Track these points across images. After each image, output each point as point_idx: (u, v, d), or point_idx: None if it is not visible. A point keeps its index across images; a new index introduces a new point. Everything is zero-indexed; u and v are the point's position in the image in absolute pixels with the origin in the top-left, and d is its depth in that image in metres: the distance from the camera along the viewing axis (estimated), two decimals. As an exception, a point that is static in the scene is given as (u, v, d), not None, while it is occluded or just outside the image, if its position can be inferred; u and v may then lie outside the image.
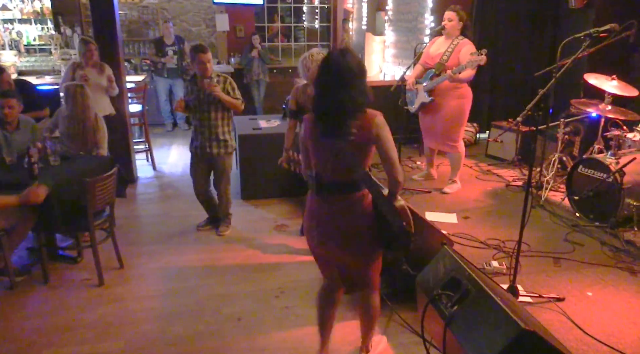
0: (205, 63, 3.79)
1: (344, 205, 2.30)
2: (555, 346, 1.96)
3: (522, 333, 1.87)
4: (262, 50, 7.83)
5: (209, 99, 3.86)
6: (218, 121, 3.96)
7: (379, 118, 2.20)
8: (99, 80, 4.83)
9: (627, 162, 3.99)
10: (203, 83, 3.81)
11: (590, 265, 3.57)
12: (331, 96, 2.14)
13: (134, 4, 8.19)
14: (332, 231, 2.33)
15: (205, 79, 3.81)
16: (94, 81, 4.72)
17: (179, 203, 4.76)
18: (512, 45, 6.59)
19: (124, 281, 3.48)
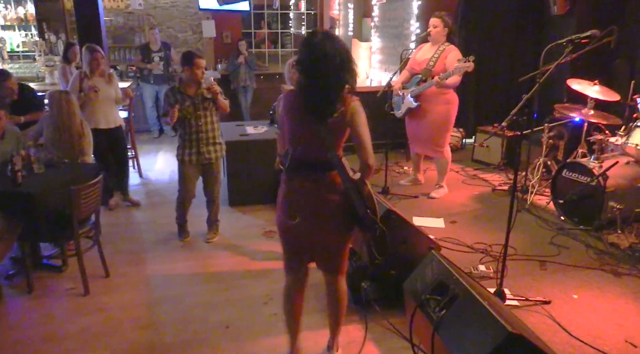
0: (203, 68, 3.81)
1: (314, 183, 2.33)
2: (542, 349, 1.98)
3: (509, 337, 1.89)
4: (248, 57, 7.83)
5: (203, 104, 3.87)
6: (214, 125, 3.99)
7: (356, 103, 2.27)
8: (108, 91, 4.64)
9: (610, 166, 4.06)
10: (194, 89, 3.83)
11: (575, 267, 3.61)
12: (322, 78, 2.18)
13: (120, 10, 8.15)
14: (304, 208, 2.36)
15: (205, 81, 3.86)
16: (102, 92, 4.53)
17: (165, 210, 4.72)
18: (497, 51, 6.68)
19: (110, 290, 3.44)
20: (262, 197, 4.93)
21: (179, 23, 8.59)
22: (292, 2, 9.65)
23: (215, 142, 4.01)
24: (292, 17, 9.86)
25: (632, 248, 3.78)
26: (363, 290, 3.11)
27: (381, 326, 2.97)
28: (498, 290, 3.06)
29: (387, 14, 7.47)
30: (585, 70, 5.06)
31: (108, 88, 4.61)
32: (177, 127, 4.01)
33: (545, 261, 3.70)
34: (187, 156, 3.96)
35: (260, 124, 5.47)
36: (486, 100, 6.82)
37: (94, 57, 4.49)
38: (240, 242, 4.16)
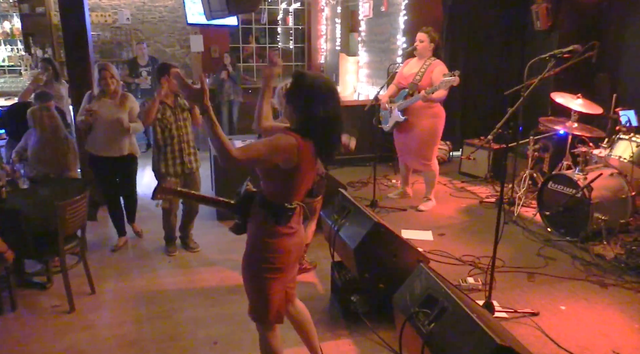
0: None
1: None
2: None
3: (498, 349, 1.89)
4: (232, 72, 7.86)
5: (182, 115, 3.92)
6: (191, 135, 4.03)
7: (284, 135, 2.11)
8: (115, 115, 4.01)
9: (595, 178, 4.12)
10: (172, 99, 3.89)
11: (562, 279, 3.64)
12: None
13: (107, 25, 8.16)
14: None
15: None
16: (108, 116, 3.99)
17: (152, 225, 4.68)
18: (482, 65, 6.78)
19: (96, 307, 3.39)
20: (250, 211, 4.90)
21: (167, 38, 8.61)
22: (280, 17, 9.74)
23: (195, 151, 4.08)
24: (279, 32, 9.93)
25: (618, 259, 3.83)
26: (352, 303, 3.10)
27: (370, 340, 2.96)
28: (487, 302, 3.07)
29: (374, 29, 7.56)
30: (568, 83, 5.16)
31: (116, 111, 4.03)
32: (150, 140, 4.00)
33: (533, 273, 3.72)
34: (172, 167, 3.95)
35: (249, 138, 5.46)
36: (472, 114, 6.91)
37: (102, 76, 3.99)
38: (229, 256, 4.13)
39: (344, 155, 6.17)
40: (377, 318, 3.06)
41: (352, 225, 3.14)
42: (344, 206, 3.33)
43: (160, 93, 3.75)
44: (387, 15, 7.08)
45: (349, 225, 3.17)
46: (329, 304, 3.40)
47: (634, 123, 4.61)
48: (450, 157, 6.85)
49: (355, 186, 5.72)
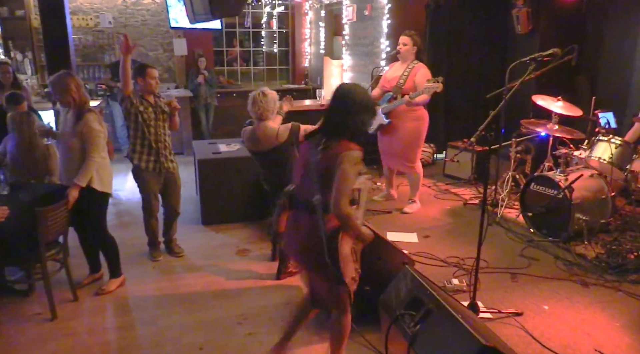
0: (156, 78, 3.84)
1: (301, 223, 2.45)
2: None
3: (483, 350, 1.91)
4: (208, 76, 7.84)
5: (162, 115, 3.90)
6: (168, 137, 4.00)
7: (352, 153, 2.32)
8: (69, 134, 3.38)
9: (575, 179, 4.19)
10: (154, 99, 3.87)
11: (545, 279, 3.69)
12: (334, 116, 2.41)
13: (89, 28, 8.06)
14: (293, 245, 2.56)
15: (167, 97, 3.95)
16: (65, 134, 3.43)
17: (136, 230, 4.62)
18: (465, 68, 6.85)
19: (78, 315, 3.33)
20: (235, 216, 4.88)
21: (150, 41, 8.54)
22: (264, 20, 9.73)
23: (171, 153, 4.04)
24: (264, 36, 9.93)
25: (599, 259, 3.89)
26: (338, 306, 3.10)
27: (357, 343, 2.96)
28: (471, 303, 3.10)
29: (358, 33, 7.60)
30: (549, 86, 5.25)
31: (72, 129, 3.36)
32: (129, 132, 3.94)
33: (517, 274, 3.76)
34: (145, 162, 3.89)
35: (234, 142, 5.45)
36: (455, 116, 6.97)
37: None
38: (214, 262, 4.10)
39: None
40: (363, 321, 3.06)
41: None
42: (329, 210, 3.33)
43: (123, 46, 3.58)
44: (370, 19, 7.12)
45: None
46: (315, 307, 3.40)
47: (613, 125, 4.70)
48: (435, 159, 6.91)
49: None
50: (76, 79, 3.38)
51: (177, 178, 4.12)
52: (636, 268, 3.71)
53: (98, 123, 3.37)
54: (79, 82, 3.38)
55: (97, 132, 3.33)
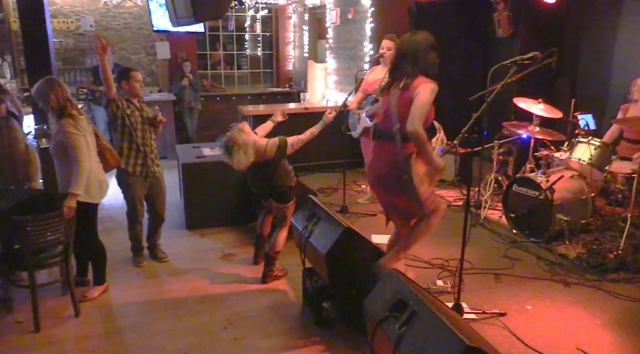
0: (140, 81, 3.83)
1: (384, 150, 3.03)
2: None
3: (467, 350, 1.92)
4: (193, 79, 7.81)
5: (149, 120, 3.88)
6: (154, 141, 3.99)
7: (428, 85, 2.91)
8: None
9: (556, 180, 4.25)
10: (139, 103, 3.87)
11: (528, 279, 3.73)
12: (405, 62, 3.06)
13: (70, 31, 7.96)
14: (375, 171, 3.15)
15: (151, 111, 3.92)
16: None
17: (119, 236, 4.57)
18: (447, 71, 6.87)
19: (61, 322, 3.28)
20: (220, 220, 4.86)
21: (132, 44, 8.46)
22: (248, 24, 9.71)
23: (156, 157, 4.02)
24: (247, 39, 9.91)
25: (579, 258, 3.95)
26: (324, 309, 3.10)
27: (343, 346, 2.97)
28: (456, 304, 3.12)
29: (342, 36, 7.63)
30: (529, 89, 5.32)
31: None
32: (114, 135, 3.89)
33: (500, 274, 3.80)
34: (132, 166, 3.85)
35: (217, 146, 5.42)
36: (439, 119, 6.92)
37: None
38: (198, 266, 4.08)
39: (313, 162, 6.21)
40: (349, 324, 3.07)
41: (322, 231, 3.15)
42: (314, 213, 3.34)
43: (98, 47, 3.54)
44: (354, 23, 7.15)
45: (319, 231, 3.17)
46: (300, 311, 3.39)
47: (592, 126, 4.78)
48: (419, 161, 6.94)
49: (325, 193, 5.74)
50: (56, 87, 3.32)
51: (162, 183, 4.09)
52: (616, 267, 3.78)
53: (74, 127, 3.29)
54: (59, 89, 3.32)
55: (74, 135, 3.26)
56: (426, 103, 2.85)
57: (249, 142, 3.38)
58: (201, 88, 8.26)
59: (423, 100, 2.84)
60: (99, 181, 3.46)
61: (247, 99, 9.07)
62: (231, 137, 3.35)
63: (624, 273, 3.74)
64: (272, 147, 3.50)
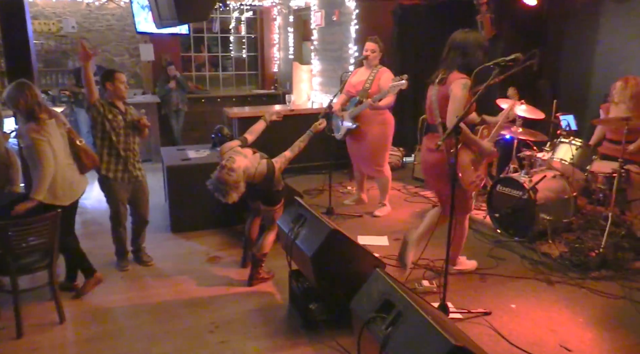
0: (125, 83, 3.78)
1: (430, 143, 3.38)
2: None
3: (453, 349, 1.94)
4: (180, 77, 7.76)
5: (132, 123, 3.82)
6: (137, 145, 3.94)
7: (461, 81, 3.18)
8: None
9: (539, 180, 4.31)
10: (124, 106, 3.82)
11: (512, 278, 3.78)
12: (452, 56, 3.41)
13: (51, 33, 7.85)
14: (425, 163, 3.59)
15: (136, 114, 3.88)
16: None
17: (103, 239, 4.51)
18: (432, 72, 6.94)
19: (45, 328, 3.22)
20: (206, 222, 4.83)
21: (115, 46, 8.38)
22: (232, 25, 9.68)
23: (139, 161, 3.97)
24: (232, 41, 9.87)
25: (562, 257, 4.01)
26: (311, 311, 3.10)
27: (330, 348, 2.97)
28: (441, 304, 3.15)
29: (327, 38, 7.65)
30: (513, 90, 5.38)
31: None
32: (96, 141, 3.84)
33: (485, 274, 3.84)
34: (113, 172, 3.81)
35: (202, 148, 5.39)
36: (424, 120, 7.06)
37: None
38: (184, 270, 4.05)
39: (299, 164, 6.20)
40: (336, 325, 3.08)
41: (308, 232, 3.15)
42: (300, 215, 3.34)
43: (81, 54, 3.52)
44: (338, 25, 7.18)
45: (305, 233, 3.17)
46: (287, 313, 3.39)
47: (573, 127, 4.86)
48: (404, 162, 6.99)
49: (311, 194, 5.74)
50: (26, 91, 3.28)
51: (145, 186, 4.05)
52: (598, 265, 3.84)
53: (37, 132, 3.25)
54: (29, 93, 3.29)
55: (36, 141, 3.23)
56: (460, 98, 3.14)
57: (239, 178, 3.26)
58: (188, 87, 8.20)
59: (456, 96, 3.15)
60: (70, 182, 3.43)
61: (232, 101, 9.05)
62: (222, 180, 3.23)
63: (605, 271, 3.81)
64: (260, 175, 3.43)
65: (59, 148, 3.39)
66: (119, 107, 3.78)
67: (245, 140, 3.66)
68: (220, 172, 3.25)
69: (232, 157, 3.33)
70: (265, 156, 3.58)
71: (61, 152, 3.41)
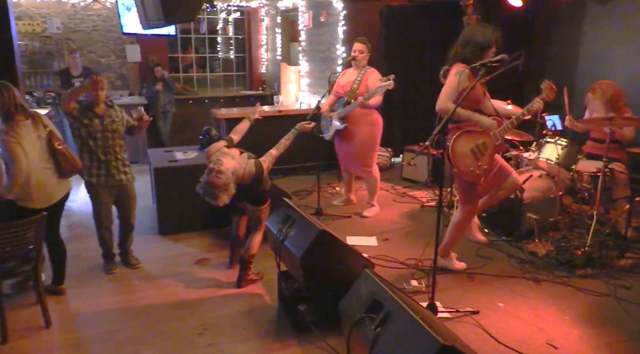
0: (100, 88, 3.71)
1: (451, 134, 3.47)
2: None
3: (441, 349, 1.95)
4: (168, 78, 7.71)
5: (112, 126, 3.77)
6: (122, 148, 3.89)
7: (458, 68, 3.37)
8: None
9: (525, 179, 4.35)
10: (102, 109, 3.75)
11: (500, 277, 3.81)
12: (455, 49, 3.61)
13: (36, 34, 7.76)
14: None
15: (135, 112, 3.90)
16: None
17: (90, 242, 4.47)
18: (419, 73, 7.00)
19: (31, 333, 3.18)
20: (194, 224, 4.80)
21: (101, 47, 8.30)
22: (220, 26, 9.64)
23: (125, 164, 3.91)
24: (219, 42, 9.84)
25: (549, 256, 4.06)
26: (300, 312, 3.10)
27: (320, 349, 2.97)
28: (430, 304, 3.16)
29: (314, 39, 7.65)
30: (499, 90, 5.41)
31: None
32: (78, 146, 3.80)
33: (473, 273, 3.87)
34: (95, 177, 3.78)
35: (190, 149, 5.36)
36: (411, 121, 7.11)
37: None
38: (172, 272, 4.02)
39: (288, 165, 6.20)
40: (325, 326, 3.07)
41: (297, 233, 3.15)
42: (288, 216, 3.34)
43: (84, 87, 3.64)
44: (326, 26, 7.19)
45: (294, 234, 3.17)
46: (276, 314, 3.38)
47: (559, 127, 4.92)
48: (392, 163, 7.02)
49: (300, 195, 5.74)
50: (4, 92, 3.26)
51: (131, 191, 3.99)
52: (583, 263, 3.89)
53: (7, 133, 3.23)
54: (6, 93, 3.26)
55: (7, 143, 3.22)
56: (450, 84, 3.35)
57: (228, 179, 3.24)
58: (175, 88, 8.15)
59: (448, 83, 3.39)
60: (45, 186, 3.38)
61: (220, 102, 9.01)
62: (211, 183, 3.21)
63: (591, 269, 3.86)
64: (249, 176, 3.42)
65: (32, 150, 3.33)
66: (97, 110, 3.73)
67: (231, 140, 3.64)
68: (208, 176, 3.23)
69: (219, 159, 3.32)
70: (252, 156, 3.57)
71: (35, 154, 3.35)
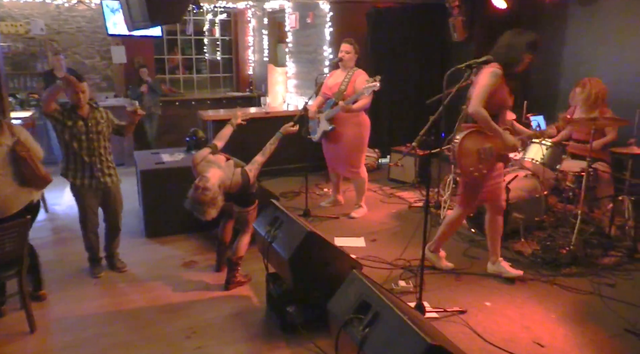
0: (85, 91, 3.68)
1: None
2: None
3: (429, 348, 1.96)
4: (152, 81, 7.67)
5: (97, 127, 3.72)
6: (107, 150, 3.84)
7: (491, 69, 3.36)
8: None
9: (511, 179, 4.39)
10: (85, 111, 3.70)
11: (487, 276, 3.84)
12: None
13: (19, 35, 7.65)
14: None
15: (130, 106, 3.78)
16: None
17: (76, 246, 4.42)
18: (406, 75, 7.04)
19: (16, 339, 3.13)
20: (181, 227, 4.76)
21: (86, 49, 8.21)
22: (206, 28, 9.60)
23: (110, 167, 3.86)
24: (206, 43, 9.80)
25: (535, 255, 4.10)
26: (288, 314, 3.10)
27: (308, 350, 2.97)
28: (418, 304, 3.18)
29: (301, 40, 7.66)
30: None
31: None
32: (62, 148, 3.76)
33: (460, 273, 3.89)
34: (79, 179, 3.74)
35: (177, 151, 5.33)
36: (398, 122, 7.15)
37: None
38: (159, 275, 3.99)
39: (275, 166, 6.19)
40: (314, 328, 3.07)
41: (285, 235, 3.15)
42: (276, 217, 3.33)
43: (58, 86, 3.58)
44: (313, 27, 7.20)
45: (282, 236, 3.17)
46: (264, 316, 3.37)
47: (543, 127, 4.97)
48: (379, 164, 7.04)
49: (287, 197, 5.73)
50: None
51: (117, 193, 3.95)
52: (568, 262, 3.94)
53: None
54: None
55: None
56: (485, 85, 3.28)
57: (216, 194, 3.22)
58: (161, 91, 8.10)
59: (482, 84, 3.29)
60: (4, 195, 3.21)
61: (207, 104, 8.96)
62: (198, 200, 3.18)
63: (575, 268, 3.91)
64: (235, 186, 3.41)
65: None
66: (80, 113, 3.68)
67: (215, 147, 3.62)
68: (195, 193, 3.21)
69: (204, 175, 3.28)
70: (239, 163, 3.56)
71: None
